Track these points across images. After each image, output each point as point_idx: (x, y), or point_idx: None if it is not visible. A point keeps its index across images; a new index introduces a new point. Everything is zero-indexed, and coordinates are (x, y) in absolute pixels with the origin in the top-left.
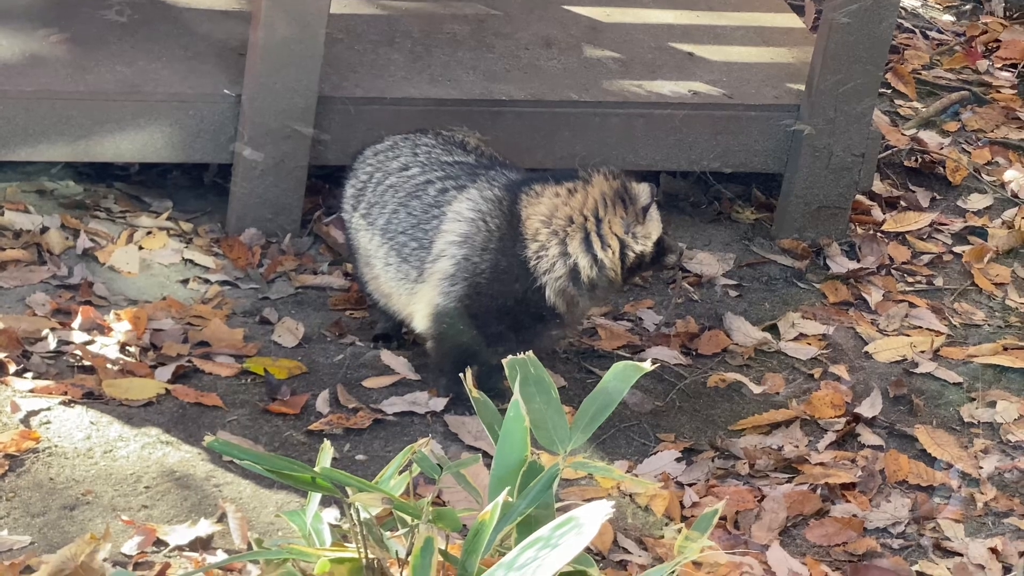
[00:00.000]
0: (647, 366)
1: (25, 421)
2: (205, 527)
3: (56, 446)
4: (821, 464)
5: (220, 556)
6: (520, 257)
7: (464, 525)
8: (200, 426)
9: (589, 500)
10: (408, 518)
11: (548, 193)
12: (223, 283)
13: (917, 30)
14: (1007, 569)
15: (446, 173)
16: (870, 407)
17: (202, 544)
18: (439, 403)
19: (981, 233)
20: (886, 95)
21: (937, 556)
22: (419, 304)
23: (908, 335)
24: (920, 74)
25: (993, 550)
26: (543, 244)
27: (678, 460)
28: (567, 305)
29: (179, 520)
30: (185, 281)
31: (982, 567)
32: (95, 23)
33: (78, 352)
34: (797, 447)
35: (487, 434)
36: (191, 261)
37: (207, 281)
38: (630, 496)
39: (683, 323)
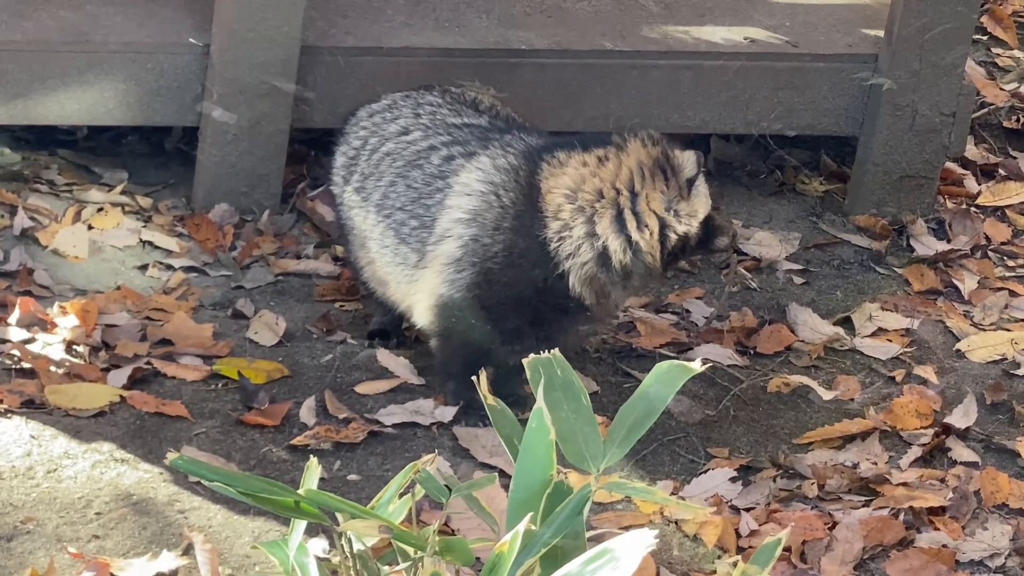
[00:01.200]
0: (696, 367)
1: None
2: (168, 561)
3: None
4: (904, 484)
5: None
6: (539, 238)
7: (477, 558)
8: (162, 440)
9: (627, 528)
10: (410, 550)
11: (574, 162)
12: (189, 269)
13: None
14: None
15: (453, 138)
16: (963, 416)
17: None
18: (447, 412)
19: None
20: (981, 42)
21: None
22: (420, 294)
23: (1008, 330)
24: (1022, 17)
25: None
26: (566, 223)
27: (733, 480)
28: (596, 296)
29: (137, 552)
30: (143, 267)
31: None
32: None
33: (15, 352)
34: (875, 464)
35: (504, 449)
36: (150, 243)
37: (169, 267)
38: (676, 523)
39: (738, 316)
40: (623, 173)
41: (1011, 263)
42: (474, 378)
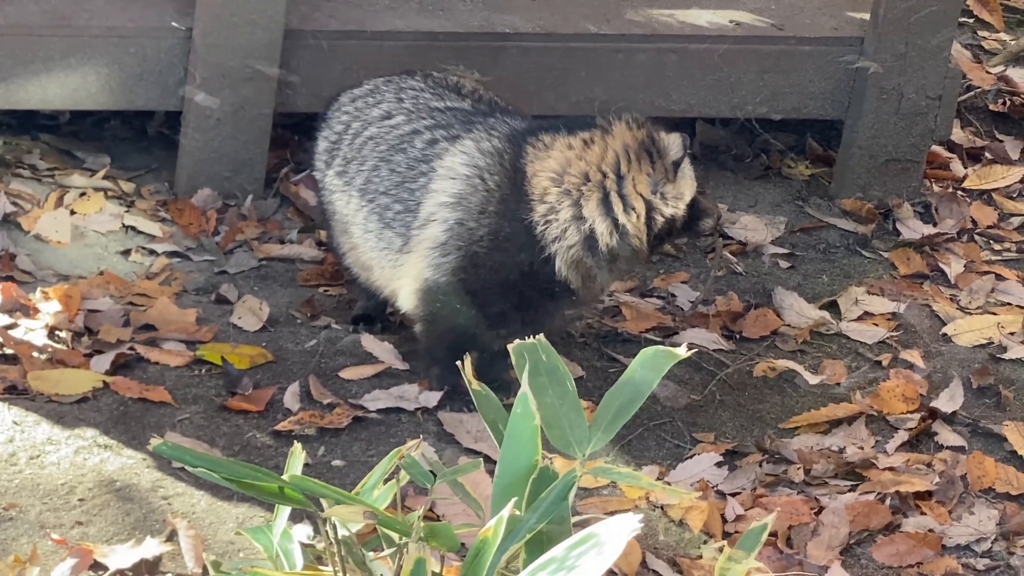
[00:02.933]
0: (681, 352)
1: None
2: (152, 547)
3: None
4: (891, 469)
5: None
6: (525, 222)
7: (463, 544)
8: (145, 426)
9: (612, 513)
10: (395, 536)
11: (559, 145)
12: (172, 254)
13: None
14: None
15: (436, 122)
16: (949, 400)
17: (148, 567)
18: (432, 398)
19: None
20: (967, 25)
21: None
22: (405, 279)
23: (995, 313)
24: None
25: None
26: (552, 206)
27: (719, 465)
28: (582, 279)
29: (120, 539)
30: (126, 252)
31: None
32: None
33: None
34: (862, 449)
35: (489, 434)
36: (133, 228)
37: (152, 252)
38: (661, 508)
39: (724, 300)
40: (609, 156)
41: (997, 247)
42: (459, 363)
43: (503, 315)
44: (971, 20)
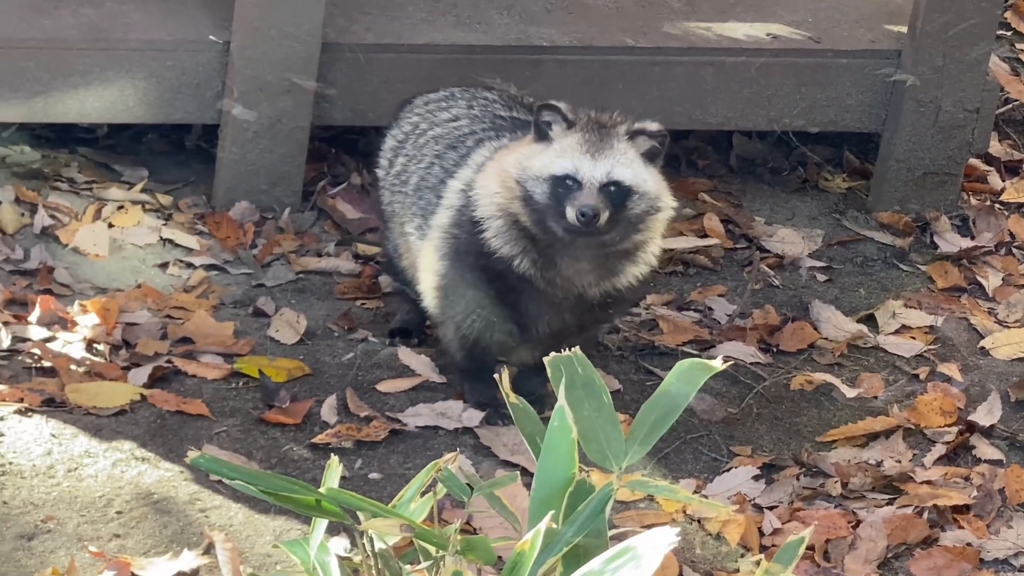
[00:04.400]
0: (718, 365)
1: None
2: (189, 560)
3: (11, 464)
4: (928, 482)
5: None
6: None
7: (499, 557)
8: (182, 439)
9: (649, 527)
10: (432, 549)
11: (518, 144)
12: (209, 267)
13: None
14: None
15: (494, 126)
16: (987, 414)
17: None
18: (474, 416)
19: None
20: (1005, 38)
21: None
22: (424, 272)
23: None
24: None
25: None
26: (483, 185)
27: (756, 478)
28: (531, 262)
29: (158, 552)
30: (164, 265)
31: None
32: None
33: (36, 351)
34: (899, 462)
35: (526, 447)
36: (171, 241)
37: (190, 265)
38: (698, 521)
39: (761, 313)
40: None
41: None
42: (496, 376)
43: (489, 310)
44: (1009, 33)
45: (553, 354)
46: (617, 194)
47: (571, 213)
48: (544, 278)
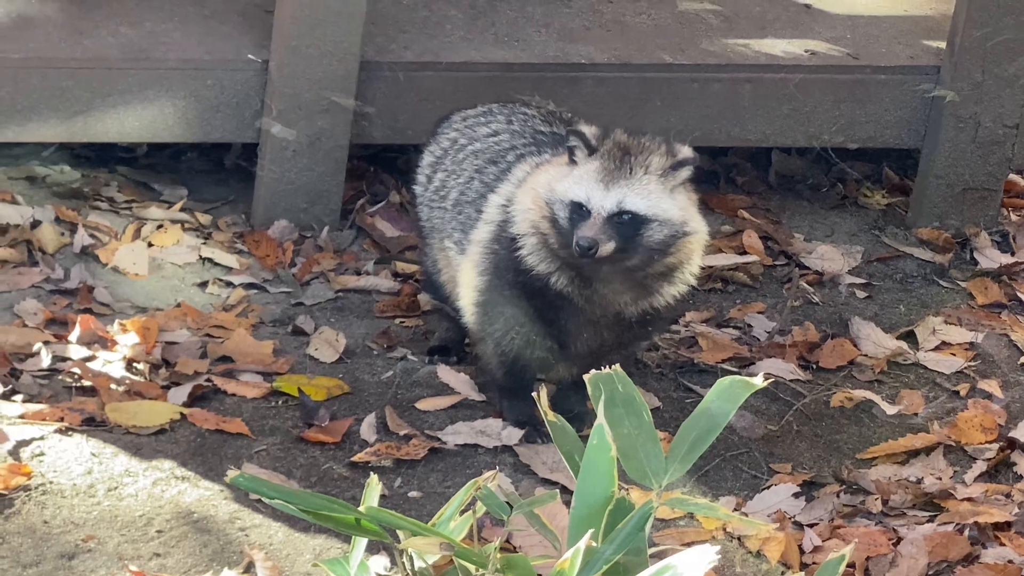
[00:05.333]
0: (758, 382)
1: (14, 453)
2: None
3: (51, 483)
4: (969, 500)
5: None
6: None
7: (539, 575)
8: (222, 458)
9: (689, 544)
10: (472, 567)
11: (557, 160)
12: (248, 286)
13: None
14: None
15: (534, 141)
16: None
17: None
18: (513, 435)
19: None
20: None
21: None
22: (464, 287)
23: None
24: None
25: None
26: (520, 201)
27: (796, 495)
28: (567, 280)
29: (198, 570)
30: (203, 284)
31: None
32: None
33: (76, 370)
34: (940, 479)
35: (565, 465)
36: (210, 260)
37: (229, 284)
38: (739, 539)
39: (801, 330)
40: None
41: None
42: (534, 394)
43: (528, 327)
44: None
45: (593, 372)
46: (631, 223)
47: (573, 242)
48: (582, 295)
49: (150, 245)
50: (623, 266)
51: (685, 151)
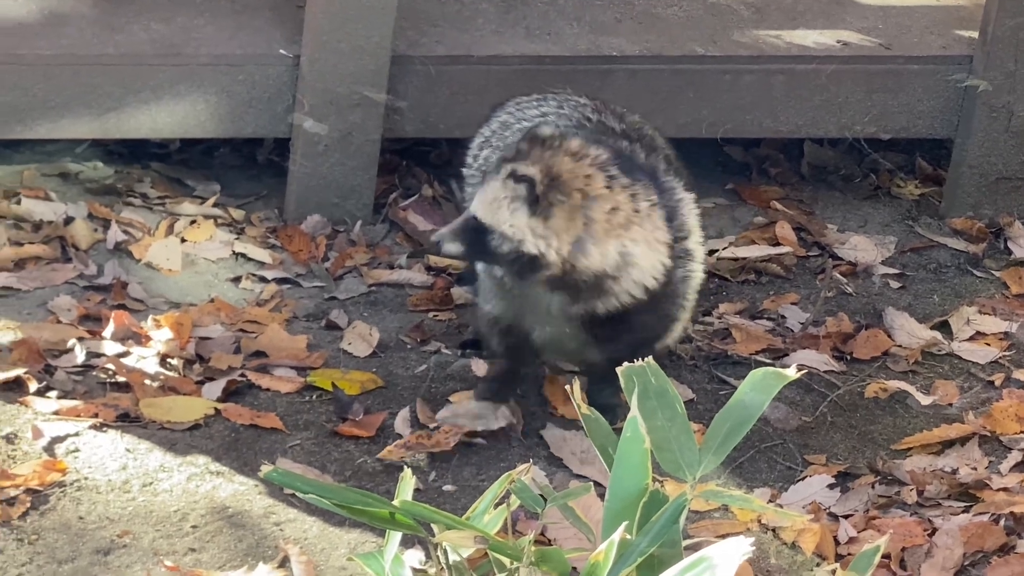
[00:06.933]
0: (791, 373)
1: (49, 449)
2: (264, 574)
3: (86, 479)
4: (1005, 490)
5: None
6: None
7: (574, 568)
8: (256, 453)
9: (724, 536)
10: (506, 560)
11: None
12: (281, 281)
13: None
14: None
15: (579, 127)
16: None
17: None
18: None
19: None
20: None
21: None
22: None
23: None
24: None
25: None
26: None
27: (831, 487)
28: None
29: (233, 565)
30: (236, 279)
31: None
32: None
33: (110, 366)
34: (975, 469)
35: (598, 457)
36: (243, 255)
37: (262, 279)
38: (773, 531)
39: (835, 321)
40: None
41: None
42: (567, 387)
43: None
44: None
45: (626, 364)
46: (476, 230)
47: None
48: (517, 286)
49: (183, 241)
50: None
51: (526, 168)
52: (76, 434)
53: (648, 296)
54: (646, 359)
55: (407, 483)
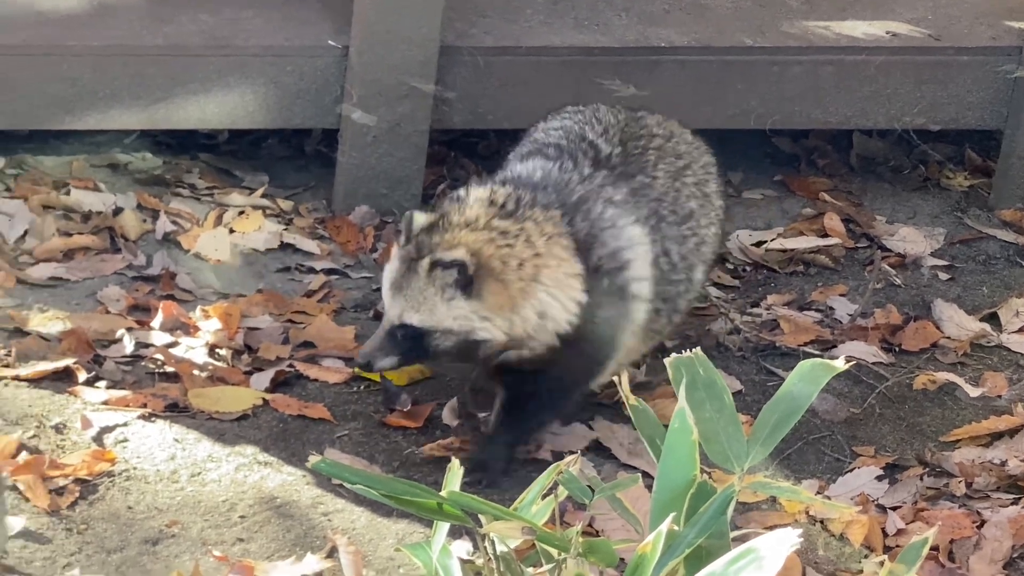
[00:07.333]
0: (840, 365)
1: (98, 439)
2: (312, 564)
3: (135, 468)
4: None
5: None
6: None
7: (621, 559)
8: (304, 443)
9: (771, 528)
10: (554, 551)
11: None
12: (330, 272)
13: None
14: None
15: (568, 146)
16: None
17: None
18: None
19: None
20: None
21: None
22: None
23: None
24: None
25: None
26: None
27: (879, 479)
28: None
29: (281, 555)
30: (285, 270)
31: None
32: None
33: (159, 356)
34: None
35: (646, 449)
36: (291, 246)
37: (311, 270)
38: (821, 523)
39: (883, 313)
40: None
41: None
42: (614, 378)
43: None
44: None
45: (674, 355)
46: (414, 336)
47: None
48: None
49: (231, 231)
50: None
51: (452, 253)
52: (125, 424)
53: (561, 342)
54: (694, 350)
55: (455, 474)
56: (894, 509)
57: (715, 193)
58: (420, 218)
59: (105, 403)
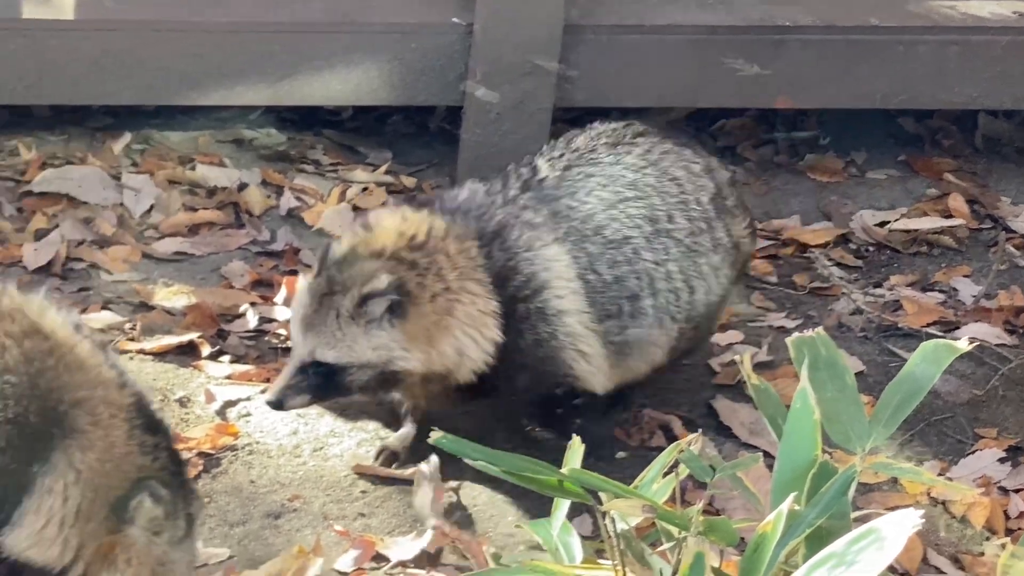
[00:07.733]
0: (963, 346)
1: (221, 413)
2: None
3: (258, 443)
4: None
5: (451, 573)
6: None
7: (742, 538)
8: (427, 419)
9: (893, 509)
10: (674, 530)
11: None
12: None
13: None
14: None
15: (555, 156)
16: None
17: (429, 559)
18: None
19: None
20: None
21: None
22: None
23: None
24: None
25: None
26: None
27: (1002, 461)
28: None
29: (402, 531)
30: None
31: None
32: None
33: (282, 331)
34: None
35: (767, 428)
36: None
37: None
38: (943, 504)
39: (1007, 294)
40: None
41: None
42: (736, 358)
43: None
44: None
45: (796, 335)
46: (327, 373)
47: None
48: None
49: (355, 208)
50: None
51: (375, 282)
52: (248, 399)
53: (492, 371)
54: (817, 330)
55: (576, 452)
56: (1016, 491)
57: (685, 231)
58: (337, 246)
59: (228, 377)
